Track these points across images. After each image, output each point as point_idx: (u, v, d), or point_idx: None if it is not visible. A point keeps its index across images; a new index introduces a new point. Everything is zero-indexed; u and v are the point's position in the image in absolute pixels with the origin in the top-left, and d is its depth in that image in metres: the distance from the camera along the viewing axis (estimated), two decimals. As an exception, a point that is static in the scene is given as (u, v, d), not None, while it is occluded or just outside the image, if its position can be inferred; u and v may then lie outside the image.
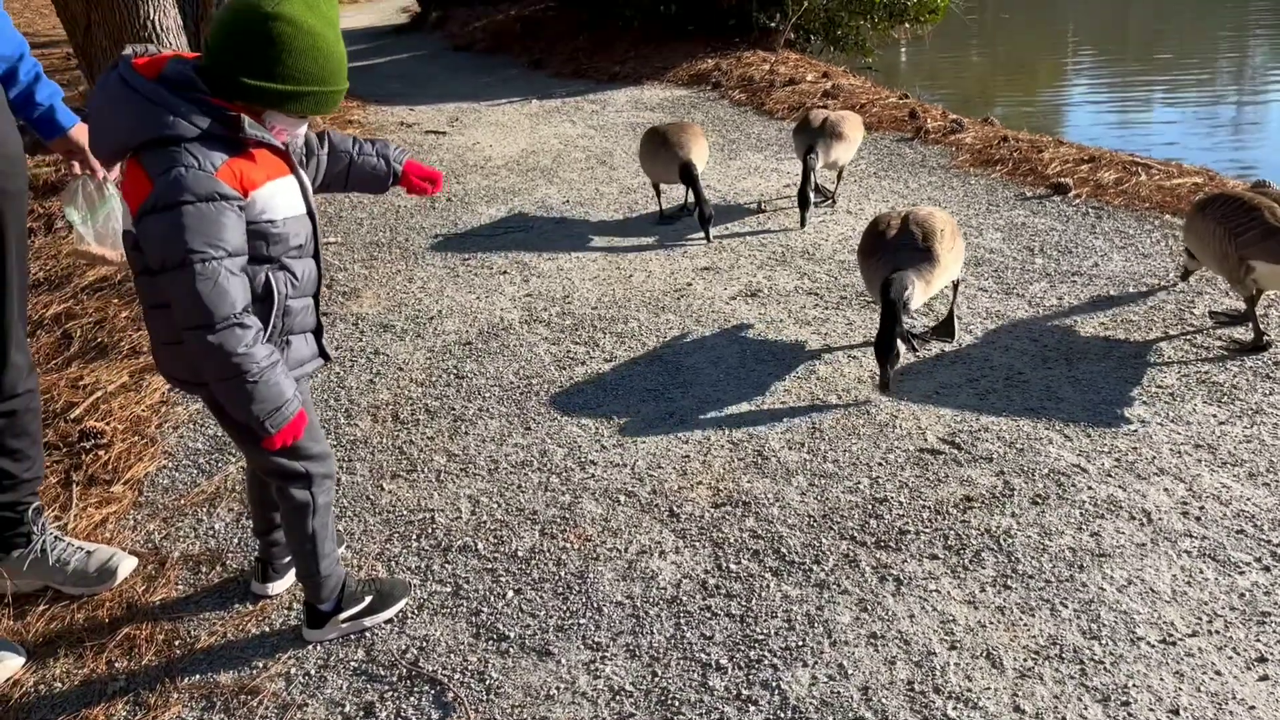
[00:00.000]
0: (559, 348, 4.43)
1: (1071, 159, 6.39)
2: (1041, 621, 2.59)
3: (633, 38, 12.28)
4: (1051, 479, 3.19)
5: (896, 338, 3.59)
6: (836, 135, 5.67)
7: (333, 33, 2.19)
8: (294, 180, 2.34)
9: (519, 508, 3.28)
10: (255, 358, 2.17)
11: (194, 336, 2.14)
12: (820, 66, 10.44)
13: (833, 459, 3.40)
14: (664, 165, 5.76)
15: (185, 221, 2.07)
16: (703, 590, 2.82)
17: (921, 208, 4.05)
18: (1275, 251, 3.66)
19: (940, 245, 3.80)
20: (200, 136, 2.11)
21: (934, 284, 3.80)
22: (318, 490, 2.58)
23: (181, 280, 2.09)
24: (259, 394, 2.20)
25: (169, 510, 3.41)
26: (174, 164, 2.09)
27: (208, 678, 2.64)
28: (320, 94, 2.21)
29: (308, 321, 2.48)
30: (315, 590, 2.69)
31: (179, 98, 2.11)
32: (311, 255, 2.44)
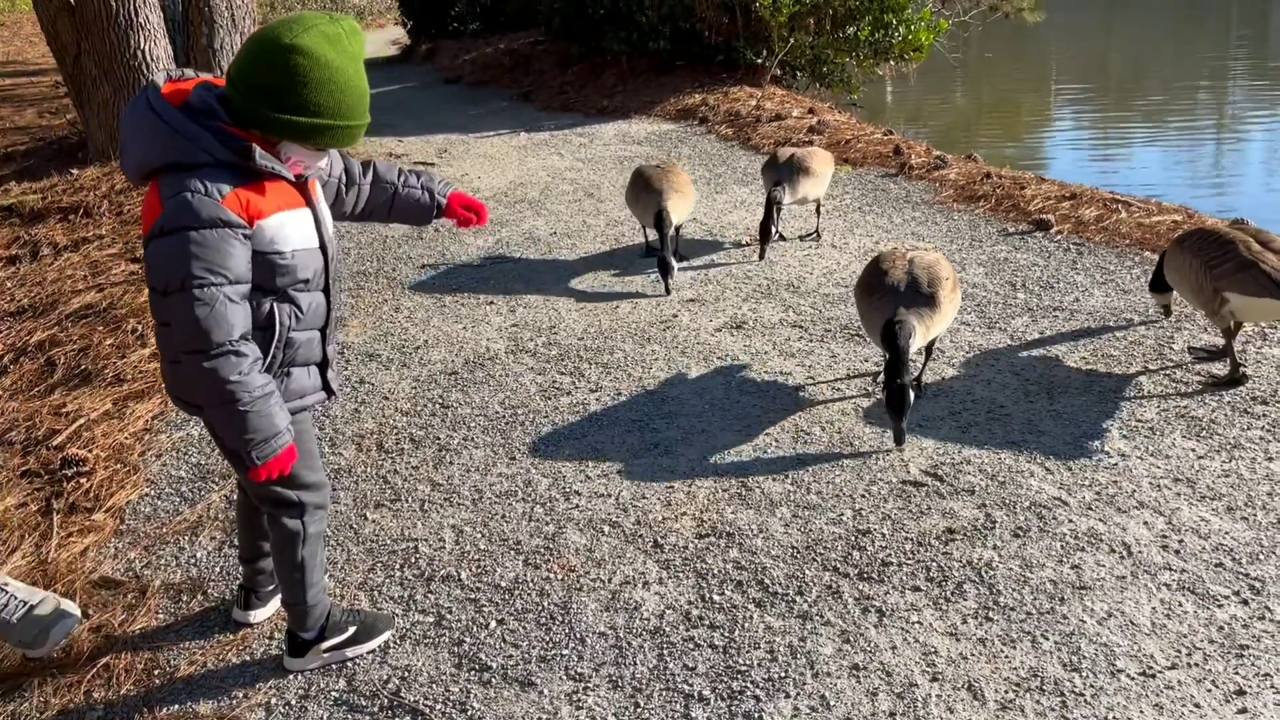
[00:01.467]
0: (544, 378, 4.44)
1: (1053, 196, 6.47)
2: (1023, 653, 2.60)
3: (621, 72, 12.40)
4: (1033, 511, 3.21)
5: (908, 388, 3.50)
6: (804, 170, 5.71)
7: (353, 67, 2.21)
8: (308, 213, 2.36)
9: (503, 538, 3.28)
10: (248, 386, 2.19)
11: (190, 361, 2.17)
12: (806, 102, 10.56)
13: (816, 490, 3.42)
14: (642, 209, 5.69)
15: (188, 247, 2.11)
16: (686, 621, 2.82)
17: (928, 253, 4.02)
18: (1247, 284, 3.72)
19: (943, 293, 3.78)
20: (211, 164, 2.15)
21: (931, 332, 3.78)
22: (309, 520, 2.57)
23: (181, 304, 2.13)
24: (250, 423, 2.21)
25: (150, 538, 3.40)
26: (182, 189, 2.13)
27: (187, 708, 2.62)
28: (337, 128, 2.22)
29: (312, 354, 2.47)
30: (300, 619, 2.67)
31: (197, 125, 2.15)
32: (321, 289, 2.44)
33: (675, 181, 5.66)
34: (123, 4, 8.32)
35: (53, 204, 7.22)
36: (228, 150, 2.16)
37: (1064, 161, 10.96)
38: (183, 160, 2.15)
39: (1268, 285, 3.67)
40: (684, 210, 5.66)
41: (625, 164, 8.58)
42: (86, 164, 8.56)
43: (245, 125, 2.19)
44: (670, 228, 5.45)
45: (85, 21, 8.49)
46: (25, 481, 3.74)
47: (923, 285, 3.78)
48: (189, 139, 2.14)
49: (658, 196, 5.53)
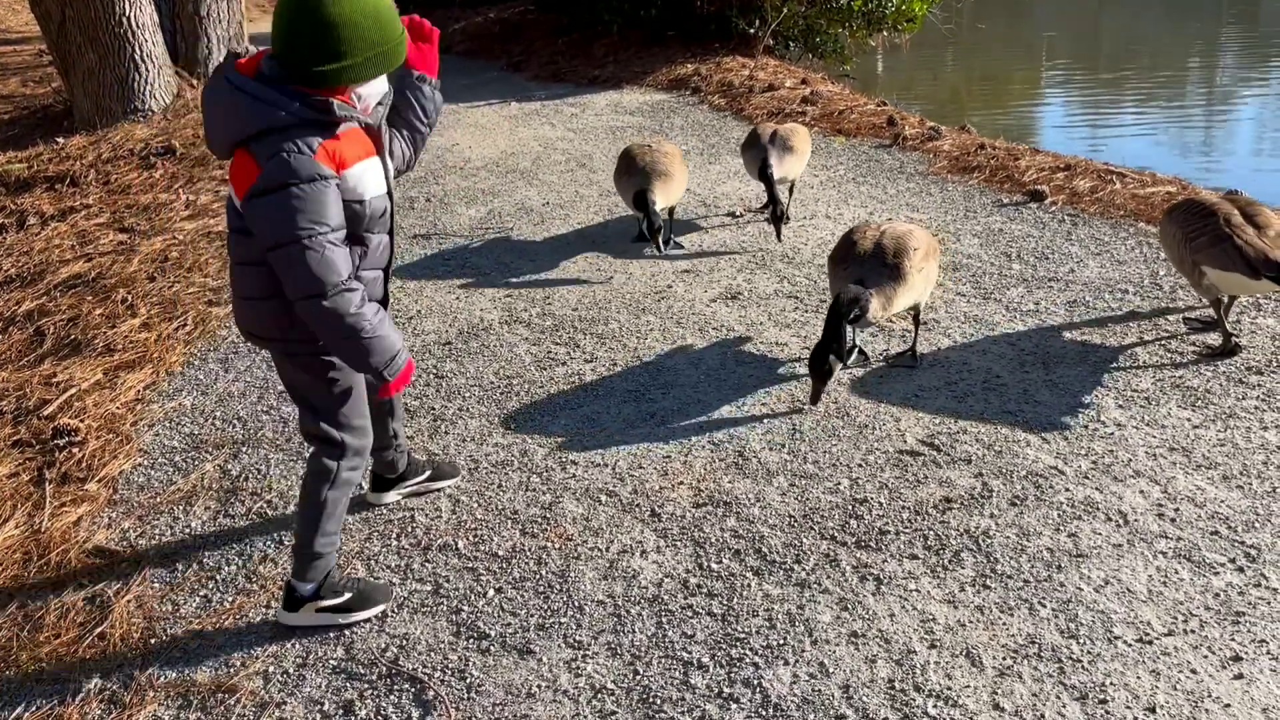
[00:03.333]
0: (539, 348, 4.42)
1: (1048, 167, 6.45)
2: (1020, 621, 2.61)
3: (612, 42, 12.29)
4: (1029, 480, 3.22)
5: (830, 354, 3.54)
6: (787, 148, 5.54)
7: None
8: (378, 161, 2.54)
9: (499, 507, 3.27)
10: (366, 316, 2.41)
11: (310, 305, 2.38)
12: (799, 73, 10.49)
13: (813, 460, 3.42)
14: (623, 189, 5.45)
15: (293, 202, 2.30)
16: (684, 589, 2.82)
17: (901, 224, 4.02)
18: (1219, 258, 3.74)
19: (909, 263, 3.75)
20: (298, 124, 2.32)
21: (896, 302, 3.75)
22: (344, 463, 2.68)
23: (293, 255, 2.32)
24: (375, 347, 2.43)
25: (144, 508, 3.38)
26: (278, 150, 2.30)
27: (184, 675, 2.62)
28: (386, 50, 2.37)
29: (375, 292, 2.65)
30: (302, 566, 2.70)
31: (277, 91, 2.32)
32: (387, 231, 2.65)
33: (663, 162, 5.32)
34: (107, -30, 8.20)
35: (39, 173, 7.14)
36: (309, 109, 2.32)
37: (1057, 134, 10.93)
38: (273, 125, 2.31)
39: (1237, 260, 3.69)
40: (673, 193, 5.37)
41: (617, 134, 8.52)
42: (72, 132, 8.46)
43: (311, 84, 2.33)
44: (655, 211, 5.12)
45: (69, -13, 8.36)
46: (17, 451, 3.71)
47: (888, 256, 3.77)
48: (274, 105, 2.30)
49: (639, 178, 5.24)
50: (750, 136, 5.74)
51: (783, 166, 5.50)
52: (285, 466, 3.57)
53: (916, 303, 3.94)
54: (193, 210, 6.45)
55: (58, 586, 2.98)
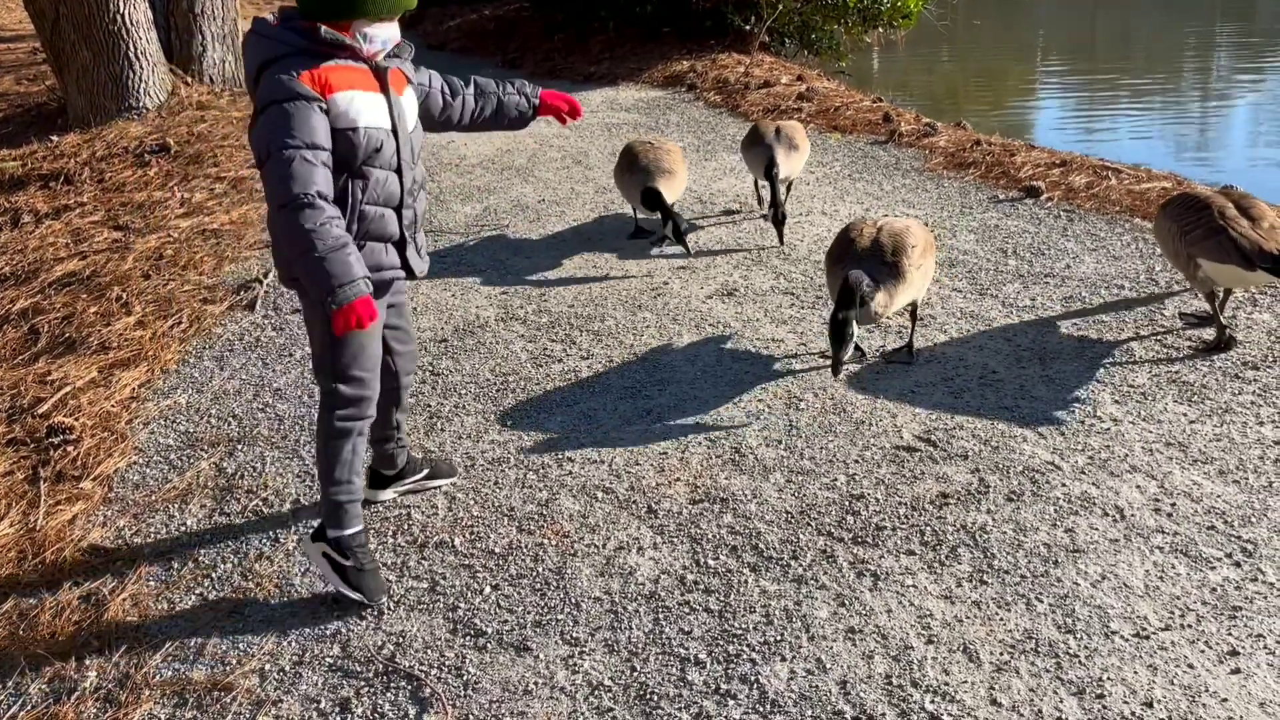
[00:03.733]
0: (535, 345, 4.42)
1: (1043, 163, 6.45)
2: (1017, 616, 2.61)
3: (608, 39, 12.28)
4: (1026, 476, 3.22)
5: (852, 320, 3.50)
6: (793, 146, 5.50)
7: None
8: (382, 99, 2.62)
9: (496, 504, 3.26)
10: (324, 235, 2.44)
11: (276, 218, 2.48)
12: (794, 69, 10.48)
13: (809, 456, 3.42)
14: (628, 188, 5.40)
15: (274, 119, 2.45)
16: (681, 586, 2.82)
17: (898, 220, 4.01)
18: (1214, 250, 3.76)
19: (908, 261, 3.74)
20: (290, 52, 2.51)
21: (897, 299, 3.74)
22: (338, 412, 2.73)
23: (270, 168, 2.45)
24: (326, 268, 2.43)
25: (140, 506, 3.37)
26: (268, 75, 2.49)
27: (180, 674, 2.61)
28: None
29: (385, 230, 2.72)
30: (323, 510, 2.80)
31: (282, 28, 2.54)
32: (394, 170, 2.69)
33: (665, 160, 5.32)
34: (101, -33, 8.17)
35: (33, 171, 7.11)
36: (299, 37, 2.51)
37: (1052, 130, 10.94)
38: (270, 55, 2.51)
39: (1232, 251, 3.71)
40: (675, 190, 5.35)
41: (613, 131, 8.52)
42: (66, 130, 8.43)
43: (319, 17, 2.51)
44: (670, 207, 5.15)
45: (63, -15, 8.33)
46: (11, 450, 3.70)
47: (886, 254, 3.75)
48: (270, 37, 2.53)
49: (644, 175, 5.24)
50: (752, 134, 5.67)
51: (788, 165, 5.45)
52: (281, 464, 3.56)
53: (915, 299, 3.93)
54: (187, 208, 6.44)
55: (53, 585, 2.97)
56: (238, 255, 5.71)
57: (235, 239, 5.93)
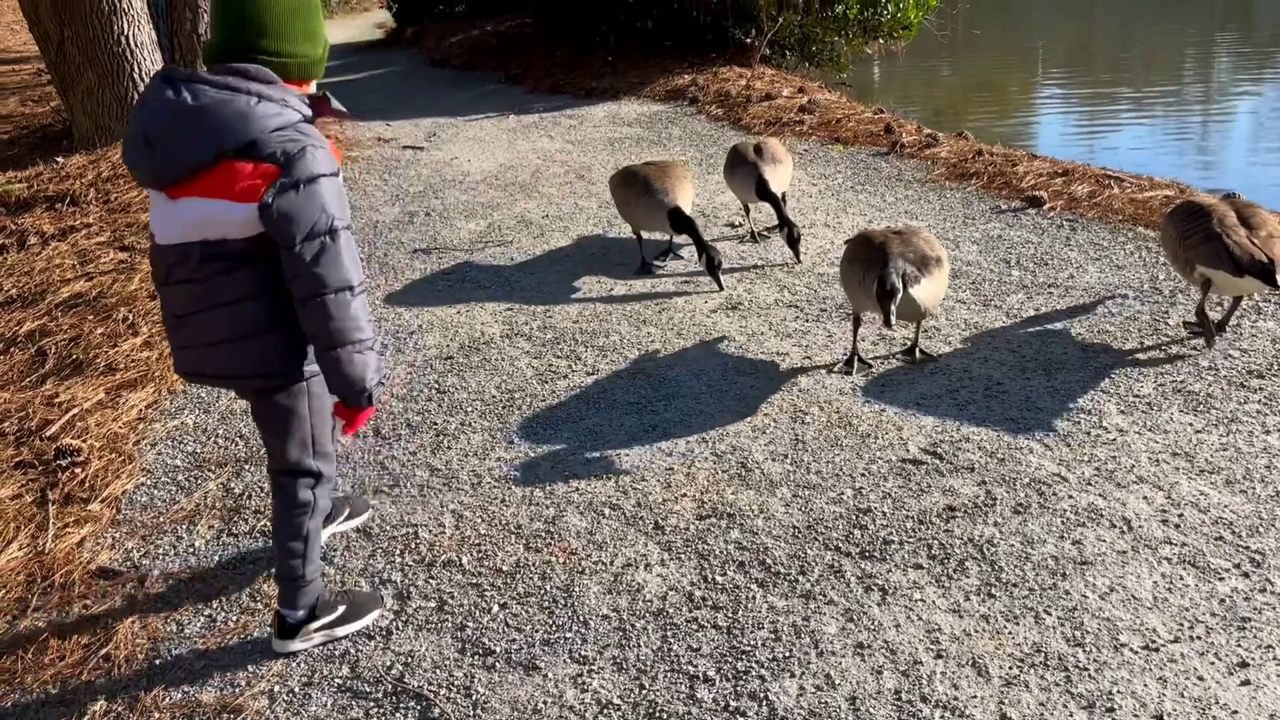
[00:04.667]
0: (540, 361, 4.42)
1: (1045, 172, 6.46)
2: (1026, 629, 2.61)
3: (609, 54, 12.32)
4: (1033, 488, 3.22)
5: (894, 274, 3.64)
6: (776, 160, 5.45)
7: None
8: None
9: (503, 522, 3.27)
10: (372, 328, 2.42)
11: (336, 300, 2.30)
12: (796, 81, 10.51)
13: (816, 470, 3.42)
14: (645, 213, 5.22)
15: (326, 194, 2.27)
16: (689, 602, 2.81)
17: (913, 229, 4.10)
18: (1208, 256, 3.84)
19: (938, 271, 3.89)
20: (305, 120, 2.34)
21: (936, 297, 3.92)
22: (320, 491, 2.66)
23: (327, 246, 2.27)
24: (373, 361, 2.41)
25: (148, 528, 3.38)
26: (300, 144, 2.26)
27: (189, 696, 2.61)
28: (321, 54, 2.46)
29: None
30: (292, 596, 2.68)
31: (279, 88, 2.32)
32: None
33: (675, 178, 5.22)
34: (105, -11, 8.22)
35: (39, 193, 7.15)
36: (305, 105, 2.35)
37: (1054, 139, 10.95)
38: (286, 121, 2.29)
39: (1225, 259, 3.79)
40: (690, 202, 5.26)
41: (616, 145, 8.54)
42: (72, 152, 8.47)
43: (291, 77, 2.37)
44: (695, 222, 5.06)
45: (68, 8, 8.38)
46: (19, 473, 3.71)
47: (923, 251, 3.89)
48: (284, 101, 2.29)
49: (664, 196, 5.10)
50: (733, 157, 5.55)
51: (776, 180, 5.38)
52: (288, 484, 3.57)
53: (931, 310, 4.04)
54: (193, 228, 6.45)
55: (62, 608, 2.98)
56: (243, 274, 5.73)
57: (240, 258, 5.94)
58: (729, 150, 5.72)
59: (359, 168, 8.25)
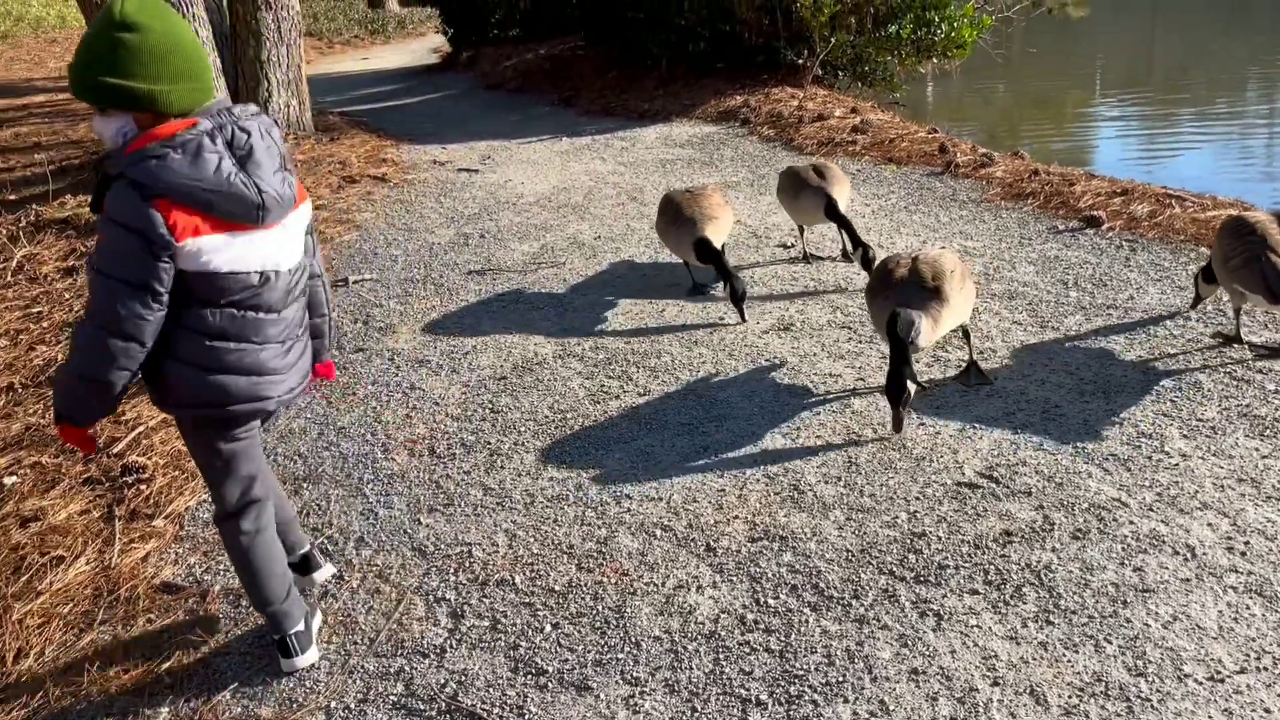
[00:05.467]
0: (593, 382, 4.45)
1: (1104, 192, 6.37)
2: (1085, 658, 2.56)
3: (661, 75, 12.39)
4: (1092, 513, 3.16)
5: (906, 377, 3.54)
6: (839, 181, 5.40)
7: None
8: None
9: (555, 542, 3.29)
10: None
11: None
12: (848, 101, 10.49)
13: (869, 493, 3.39)
14: (676, 240, 5.22)
15: None
16: (741, 625, 2.81)
17: (931, 248, 4.05)
18: (1246, 278, 3.85)
19: (949, 285, 3.76)
20: None
21: (942, 324, 3.75)
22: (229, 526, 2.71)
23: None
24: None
25: (210, 544, 3.45)
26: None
27: (249, 710, 2.66)
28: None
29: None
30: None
31: None
32: None
33: (708, 206, 5.16)
34: (172, 19, 8.47)
35: (107, 216, 7.34)
36: None
37: (1112, 158, 10.78)
38: None
39: (1259, 282, 3.80)
40: (720, 237, 5.14)
41: (668, 167, 8.59)
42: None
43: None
44: (722, 253, 5.01)
45: (136, 36, 8.65)
46: (87, 489, 3.81)
47: (927, 280, 3.78)
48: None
49: (691, 226, 5.06)
50: (793, 180, 5.50)
51: (844, 199, 5.37)
52: (345, 503, 3.62)
53: (962, 323, 3.94)
54: (254, 250, 6.60)
55: (126, 621, 3.05)
56: (302, 295, 5.84)
57: (300, 279, 6.06)
58: (784, 173, 5.70)
59: (415, 190, 8.38)
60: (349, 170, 8.83)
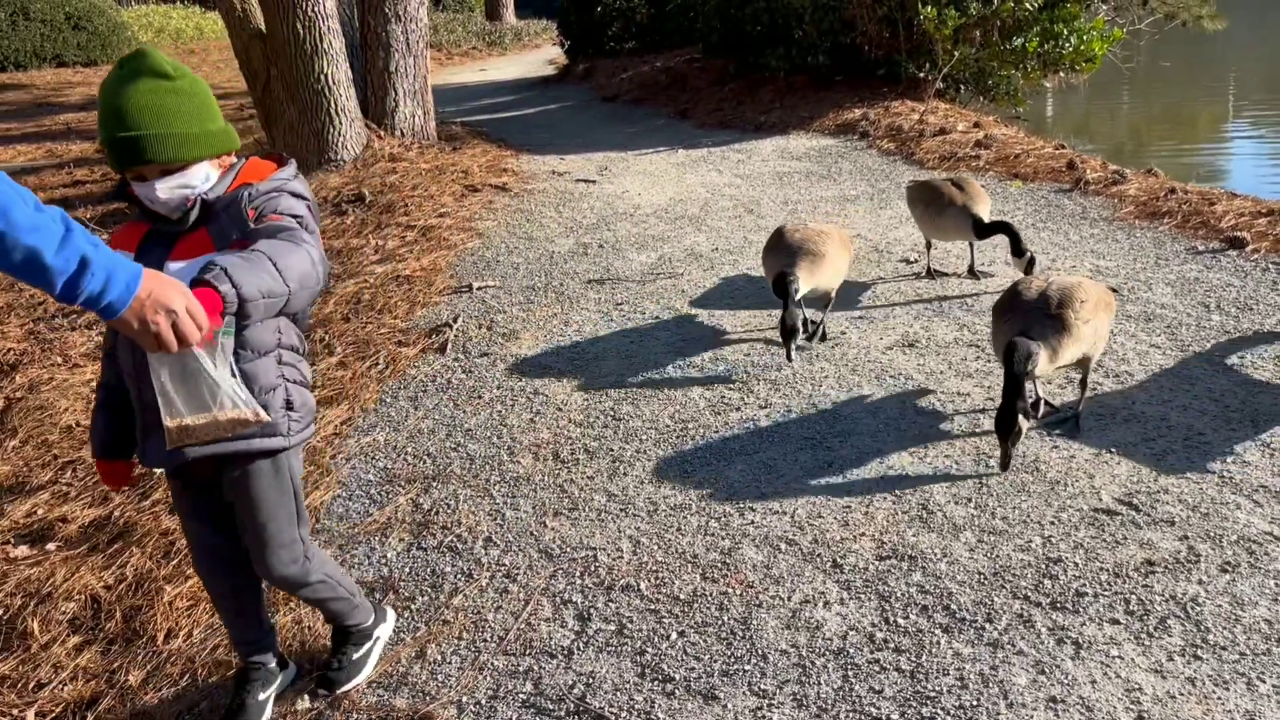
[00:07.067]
0: (713, 392, 4.46)
1: (1248, 212, 6.10)
2: (1237, 696, 2.46)
3: (778, 87, 12.36)
4: (1241, 546, 3.03)
5: (1018, 413, 3.38)
6: (979, 196, 5.31)
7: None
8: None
9: (679, 550, 3.30)
10: None
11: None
12: (970, 116, 10.29)
13: (1002, 516, 3.31)
14: (767, 269, 4.83)
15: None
16: (870, 643, 2.77)
17: (1070, 275, 3.87)
18: None
19: (1075, 313, 3.58)
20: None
21: (1063, 354, 3.57)
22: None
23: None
24: None
25: (344, 538, 3.56)
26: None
27: (384, 700, 2.74)
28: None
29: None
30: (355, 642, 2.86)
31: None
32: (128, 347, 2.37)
33: (813, 243, 4.63)
34: (309, 31, 8.83)
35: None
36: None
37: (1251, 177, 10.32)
38: None
39: None
40: (820, 278, 4.62)
41: (784, 180, 8.55)
42: (273, 182, 9.07)
43: None
44: (795, 294, 4.43)
45: (275, 48, 9.03)
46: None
47: (1052, 305, 3.61)
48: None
49: (784, 257, 4.62)
50: (931, 195, 5.40)
51: (988, 214, 5.30)
52: (473, 502, 3.71)
53: (1086, 356, 3.74)
54: (381, 254, 6.82)
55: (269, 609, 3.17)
56: (428, 300, 6.00)
57: (426, 285, 6.24)
58: (918, 186, 5.62)
59: (534, 200, 8.53)
60: (471, 179, 9.04)
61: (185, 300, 1.87)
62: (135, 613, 3.20)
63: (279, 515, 2.47)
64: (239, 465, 2.40)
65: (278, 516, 2.47)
